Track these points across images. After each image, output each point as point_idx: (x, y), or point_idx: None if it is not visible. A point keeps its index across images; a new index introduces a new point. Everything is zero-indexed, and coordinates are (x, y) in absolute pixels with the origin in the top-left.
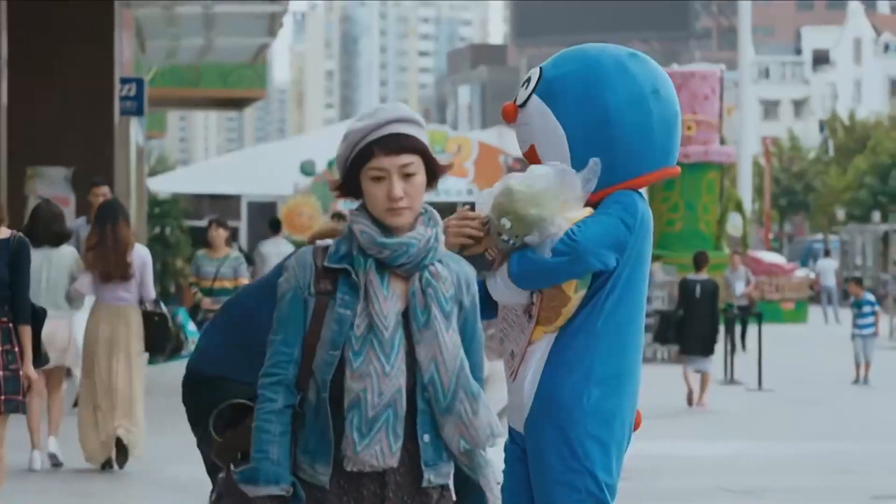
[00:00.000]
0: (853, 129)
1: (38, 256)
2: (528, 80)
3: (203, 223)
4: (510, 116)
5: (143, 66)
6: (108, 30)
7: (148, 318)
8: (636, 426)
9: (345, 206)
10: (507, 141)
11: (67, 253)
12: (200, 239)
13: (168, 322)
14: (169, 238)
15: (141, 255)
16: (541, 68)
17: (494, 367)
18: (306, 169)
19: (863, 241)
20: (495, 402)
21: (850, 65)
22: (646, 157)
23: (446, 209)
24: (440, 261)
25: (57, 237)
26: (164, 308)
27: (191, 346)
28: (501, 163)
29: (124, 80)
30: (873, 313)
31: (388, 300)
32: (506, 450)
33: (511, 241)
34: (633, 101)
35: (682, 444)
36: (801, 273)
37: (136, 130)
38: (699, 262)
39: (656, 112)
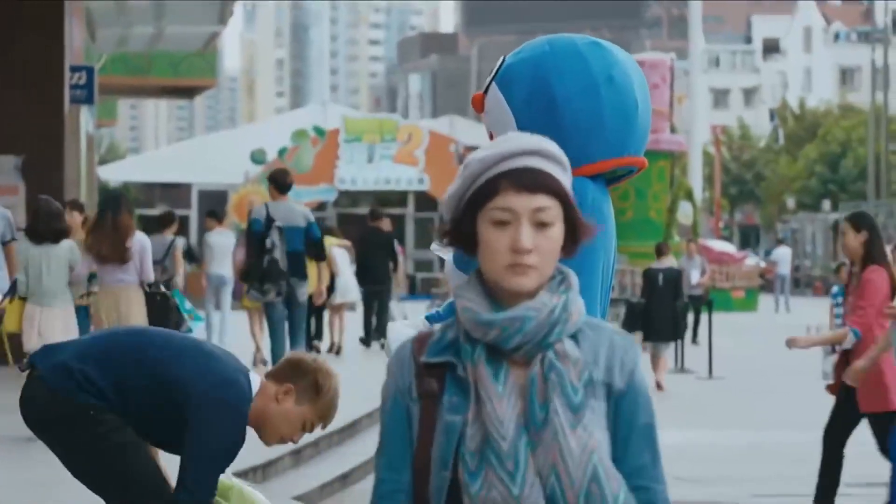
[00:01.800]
0: (803, 118)
1: (38, 252)
2: (493, 69)
3: (155, 212)
4: (478, 106)
5: (94, 54)
6: (58, 18)
7: (151, 298)
8: None
9: (295, 195)
10: (458, 129)
11: (65, 246)
12: (151, 227)
13: (168, 301)
14: None
15: (140, 241)
16: (504, 57)
17: None
18: (257, 157)
19: (813, 229)
20: None
21: (801, 54)
22: (597, 144)
23: (396, 199)
24: (574, 336)
25: (56, 233)
26: (164, 288)
27: (188, 324)
28: (452, 151)
29: (74, 69)
30: None
31: (505, 399)
32: None
33: None
34: (583, 88)
35: None
36: (751, 262)
37: (86, 119)
38: (661, 250)
39: (608, 100)
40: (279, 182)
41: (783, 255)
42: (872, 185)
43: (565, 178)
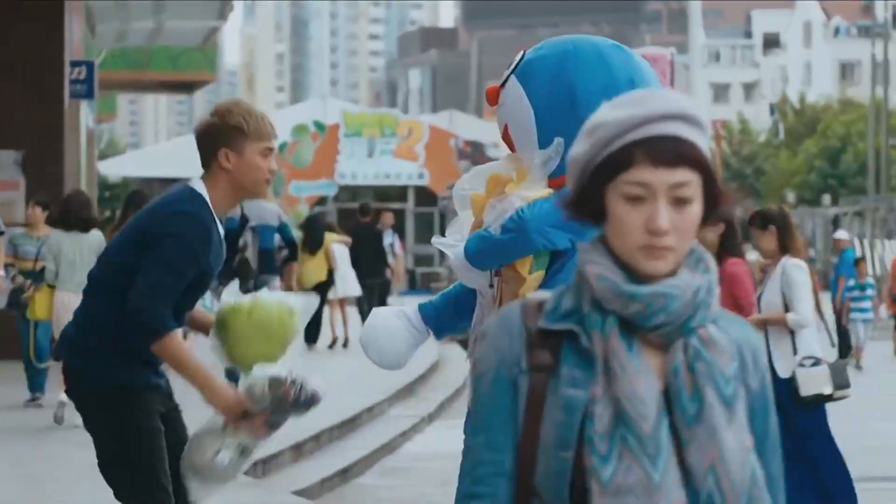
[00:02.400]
0: (803, 113)
1: (68, 240)
2: (512, 62)
3: None
4: (492, 99)
5: (93, 49)
6: (58, 13)
7: None
8: None
9: (295, 190)
10: (458, 124)
11: (94, 236)
12: None
13: None
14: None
15: None
16: (524, 52)
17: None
18: None
19: (813, 224)
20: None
21: (801, 48)
22: None
23: (397, 194)
24: (715, 322)
25: (86, 223)
26: None
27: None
28: (452, 146)
29: (74, 64)
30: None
31: (642, 375)
32: (465, 430)
33: None
34: (605, 89)
35: None
36: (751, 257)
37: (86, 114)
38: None
39: None
40: None
41: None
42: (872, 180)
43: (706, 144)
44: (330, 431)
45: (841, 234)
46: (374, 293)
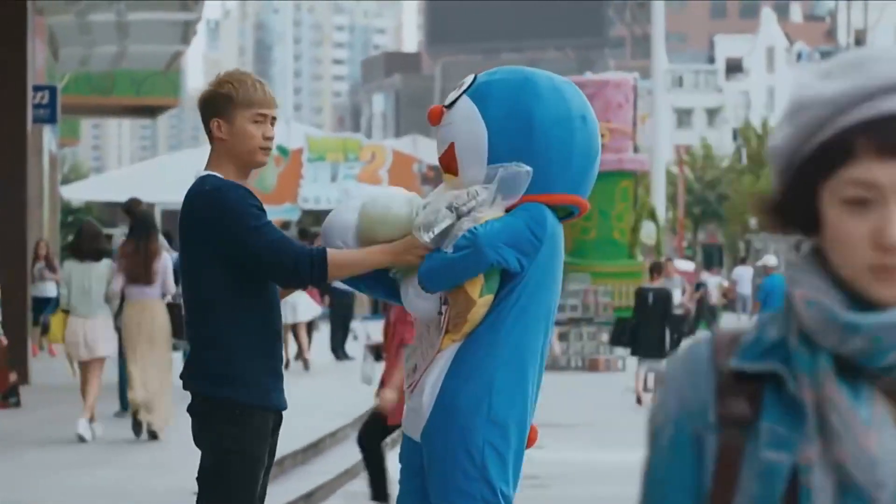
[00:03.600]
0: (766, 138)
1: (81, 269)
2: (461, 84)
3: (117, 231)
4: (435, 119)
5: (56, 73)
6: (21, 37)
7: (171, 308)
8: (532, 441)
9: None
10: (422, 149)
11: (105, 265)
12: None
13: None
14: None
15: (164, 258)
16: (475, 75)
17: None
18: None
19: (776, 248)
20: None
21: (763, 73)
22: (561, 175)
23: None
24: None
25: (98, 253)
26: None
27: None
28: (415, 171)
29: (37, 88)
30: None
31: (874, 430)
32: (401, 459)
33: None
34: (560, 119)
35: (597, 451)
36: (713, 281)
37: (48, 138)
38: (654, 271)
39: (580, 137)
40: None
41: (744, 275)
42: None
43: None
44: (293, 456)
45: (768, 260)
46: (337, 318)
